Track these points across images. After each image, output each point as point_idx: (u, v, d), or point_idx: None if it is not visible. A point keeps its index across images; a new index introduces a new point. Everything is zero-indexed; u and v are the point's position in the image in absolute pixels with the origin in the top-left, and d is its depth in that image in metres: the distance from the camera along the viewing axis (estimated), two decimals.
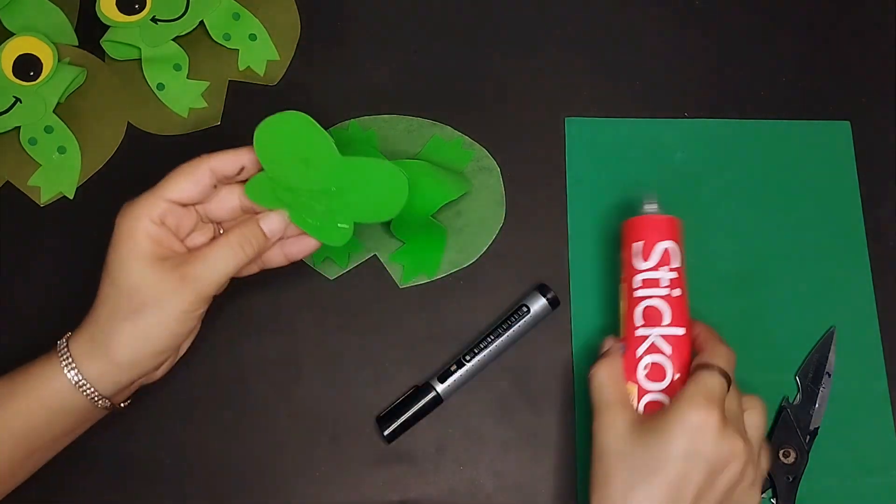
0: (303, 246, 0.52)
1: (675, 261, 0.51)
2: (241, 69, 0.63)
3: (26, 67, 0.60)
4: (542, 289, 0.57)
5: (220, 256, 0.48)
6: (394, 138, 0.61)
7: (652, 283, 0.50)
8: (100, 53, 0.63)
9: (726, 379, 0.47)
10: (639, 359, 0.50)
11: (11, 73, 0.60)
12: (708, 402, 0.45)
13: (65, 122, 0.61)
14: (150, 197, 0.47)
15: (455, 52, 0.64)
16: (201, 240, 0.50)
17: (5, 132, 0.60)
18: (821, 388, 0.55)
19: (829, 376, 0.56)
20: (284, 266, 0.53)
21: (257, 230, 0.49)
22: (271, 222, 0.50)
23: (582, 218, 0.60)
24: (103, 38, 0.62)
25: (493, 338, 0.56)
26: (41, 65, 0.61)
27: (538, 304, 0.56)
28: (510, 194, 0.61)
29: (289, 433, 0.56)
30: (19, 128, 0.60)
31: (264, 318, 0.58)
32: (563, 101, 0.63)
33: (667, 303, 0.50)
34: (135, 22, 0.61)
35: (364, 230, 0.59)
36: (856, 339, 0.57)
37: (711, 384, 0.46)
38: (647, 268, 0.50)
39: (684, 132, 0.62)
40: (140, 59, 0.62)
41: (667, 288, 0.50)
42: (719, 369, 0.47)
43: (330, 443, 0.55)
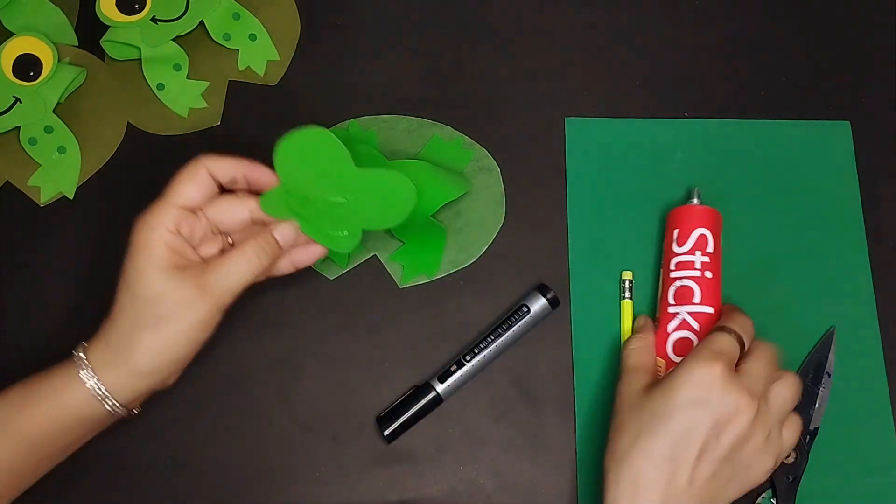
0: (310, 254, 0.53)
1: (709, 247, 0.55)
2: (241, 69, 0.63)
3: (26, 67, 0.60)
4: (542, 289, 0.57)
5: (237, 266, 0.48)
6: (394, 138, 0.61)
7: (685, 266, 0.54)
8: (100, 53, 0.63)
9: (738, 340, 0.49)
10: (669, 334, 0.53)
11: (11, 73, 0.60)
12: (714, 355, 0.47)
13: (65, 122, 0.61)
14: (162, 205, 0.48)
15: (455, 53, 0.64)
16: (212, 251, 0.51)
17: (5, 132, 0.60)
18: (821, 388, 0.55)
19: (829, 376, 0.56)
20: None
21: (272, 240, 0.50)
22: (285, 232, 0.51)
23: (582, 218, 0.60)
24: (103, 38, 0.62)
25: (493, 338, 0.56)
26: (41, 65, 0.60)
27: (538, 304, 0.56)
28: (510, 194, 0.61)
29: (289, 433, 0.56)
30: (19, 128, 0.60)
31: (264, 318, 0.58)
32: (563, 101, 0.63)
33: (697, 283, 0.54)
34: (135, 22, 0.61)
35: (365, 231, 0.59)
36: (856, 339, 0.57)
37: (719, 341, 0.49)
38: (682, 251, 0.54)
39: (684, 132, 0.62)
40: (140, 59, 0.62)
41: (698, 270, 0.54)
42: (730, 330, 0.49)
43: (330, 443, 0.55)
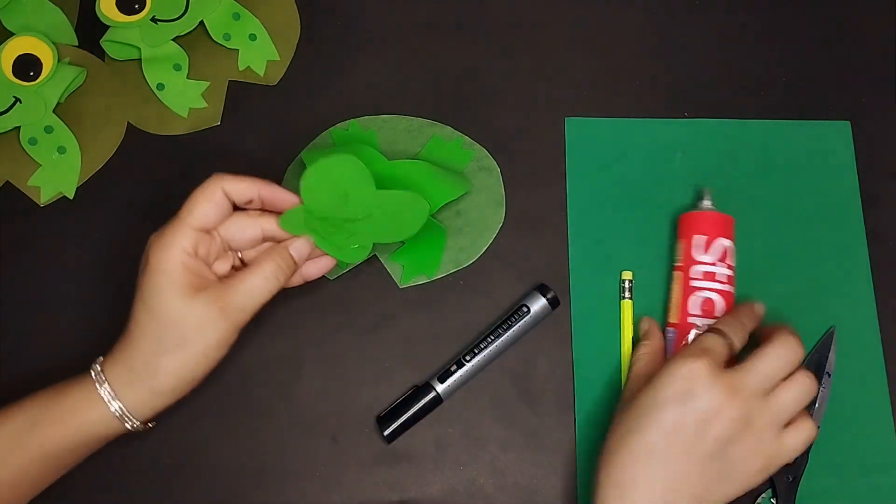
0: (320, 266, 0.53)
1: (731, 259, 0.55)
2: (241, 69, 0.63)
3: (26, 67, 0.60)
4: (542, 289, 0.57)
5: (256, 286, 0.49)
6: (394, 138, 0.61)
7: (710, 277, 0.54)
8: (100, 53, 0.63)
9: (725, 338, 0.50)
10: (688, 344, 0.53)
11: (11, 73, 0.60)
12: (700, 352, 0.48)
13: (65, 122, 0.61)
14: (180, 227, 0.48)
15: (455, 53, 0.64)
16: (225, 267, 0.51)
17: (5, 132, 0.60)
18: (821, 388, 0.55)
19: (829, 376, 0.56)
20: None
21: (288, 257, 0.50)
22: (300, 248, 0.51)
23: (582, 218, 0.60)
24: (103, 38, 0.62)
25: (493, 338, 0.56)
26: (41, 65, 0.60)
27: (538, 304, 0.56)
28: (510, 194, 0.61)
29: (289, 433, 0.56)
30: (19, 128, 0.60)
31: (264, 318, 0.57)
32: (563, 101, 0.63)
33: (722, 297, 0.54)
34: (135, 22, 0.61)
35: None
36: (856, 339, 0.57)
37: (706, 340, 0.50)
38: (707, 261, 0.54)
39: (684, 132, 0.62)
40: (140, 59, 0.62)
41: (721, 283, 0.54)
42: (717, 330, 0.50)
43: (330, 443, 0.55)
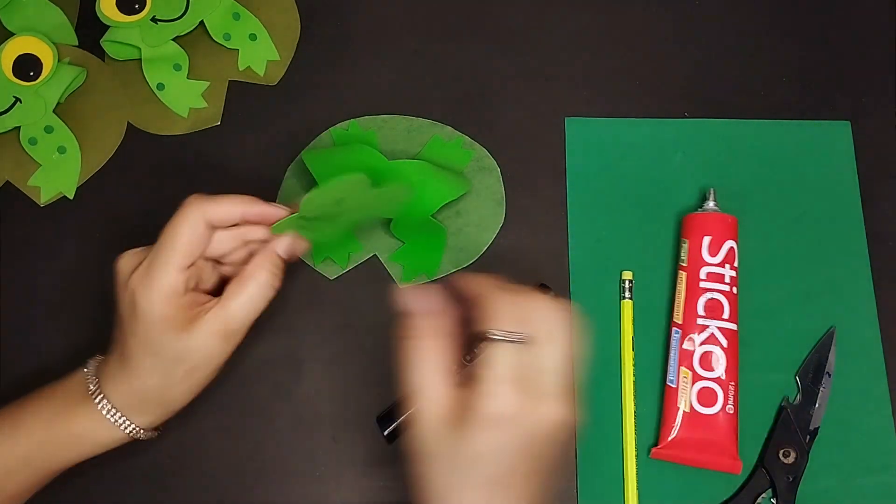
0: (298, 248, 0.52)
1: (735, 261, 0.55)
2: (241, 69, 0.63)
3: (26, 67, 0.60)
4: (542, 289, 0.57)
5: (252, 298, 0.48)
6: (394, 138, 0.61)
7: (716, 278, 0.54)
8: (100, 53, 0.63)
9: (513, 339, 0.41)
10: (696, 347, 0.54)
11: (11, 73, 0.60)
12: (505, 387, 0.40)
13: (65, 122, 0.61)
14: (165, 269, 0.46)
15: (455, 53, 0.64)
16: (213, 280, 0.51)
17: (5, 132, 0.60)
18: (821, 388, 0.55)
19: (829, 376, 0.56)
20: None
21: (278, 260, 0.49)
22: (288, 247, 0.50)
23: (582, 218, 0.60)
24: (103, 38, 0.62)
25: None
26: (41, 65, 0.61)
27: None
28: (510, 194, 0.60)
29: (289, 433, 0.56)
30: (19, 128, 0.60)
31: (264, 318, 0.57)
32: (563, 101, 0.63)
33: (727, 298, 0.54)
34: (135, 22, 0.61)
35: (364, 230, 0.59)
36: (856, 339, 0.57)
37: (502, 363, 0.40)
38: (715, 262, 0.55)
39: (684, 132, 0.62)
40: (140, 59, 0.62)
41: (727, 284, 0.54)
42: (503, 334, 0.41)
43: (330, 443, 0.55)
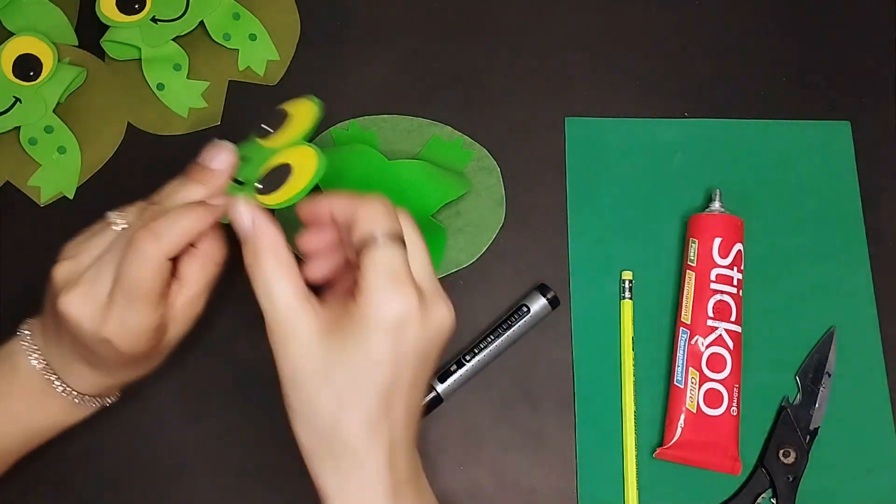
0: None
1: (743, 263, 0.56)
2: (241, 69, 0.63)
3: (26, 67, 0.60)
4: (542, 289, 0.57)
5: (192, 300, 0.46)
6: (394, 138, 0.61)
7: (725, 280, 0.55)
8: (100, 53, 0.63)
9: (397, 241, 0.38)
10: (705, 349, 0.54)
11: (11, 73, 0.60)
12: (398, 286, 0.37)
13: (65, 122, 0.61)
14: (141, 310, 0.43)
15: (455, 52, 0.64)
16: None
17: (5, 132, 0.60)
18: (821, 388, 0.55)
19: (829, 376, 0.56)
20: None
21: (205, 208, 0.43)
22: (220, 157, 0.44)
23: (582, 218, 0.60)
24: (103, 38, 0.62)
25: (493, 338, 0.56)
26: (41, 65, 0.61)
27: (538, 304, 0.56)
28: (510, 194, 0.60)
29: (289, 433, 0.56)
30: (19, 128, 0.60)
31: (258, 320, 0.57)
32: (563, 101, 0.63)
33: (734, 301, 0.54)
34: (135, 22, 0.61)
35: None
36: (856, 339, 0.57)
37: (392, 261, 0.38)
38: (724, 264, 0.55)
39: (684, 132, 0.62)
40: (140, 59, 0.62)
41: (735, 287, 0.55)
42: (387, 235, 0.38)
43: None
